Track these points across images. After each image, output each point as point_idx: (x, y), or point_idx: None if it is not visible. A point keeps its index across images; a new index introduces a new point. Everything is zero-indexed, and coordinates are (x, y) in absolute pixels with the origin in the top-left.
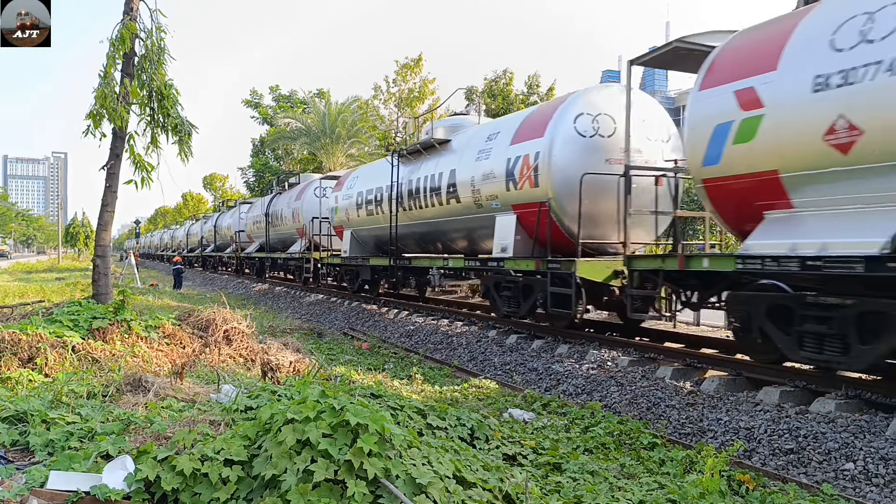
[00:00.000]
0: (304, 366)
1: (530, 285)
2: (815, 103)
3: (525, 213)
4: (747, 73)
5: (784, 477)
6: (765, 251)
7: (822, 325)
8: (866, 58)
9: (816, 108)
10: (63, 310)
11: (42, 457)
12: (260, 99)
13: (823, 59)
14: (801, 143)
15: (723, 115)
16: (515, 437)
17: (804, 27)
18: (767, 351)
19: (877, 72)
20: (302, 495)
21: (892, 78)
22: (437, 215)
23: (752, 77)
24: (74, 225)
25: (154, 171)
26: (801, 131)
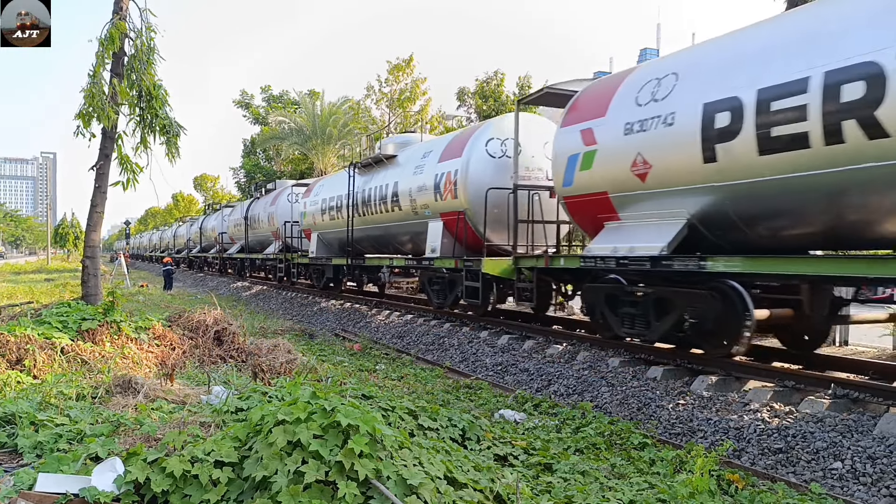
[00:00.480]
0: (295, 367)
1: (454, 280)
2: (625, 143)
3: (449, 220)
4: (589, 118)
5: (773, 476)
6: (597, 252)
7: (634, 308)
8: (653, 112)
9: (626, 147)
10: (52, 311)
11: (30, 459)
12: (251, 99)
13: (630, 111)
14: (618, 172)
15: (573, 148)
16: (507, 438)
17: (624, 85)
18: (607, 329)
19: (658, 123)
20: (293, 496)
21: (666, 128)
22: (386, 221)
23: (591, 121)
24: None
25: (144, 172)
26: (617, 163)
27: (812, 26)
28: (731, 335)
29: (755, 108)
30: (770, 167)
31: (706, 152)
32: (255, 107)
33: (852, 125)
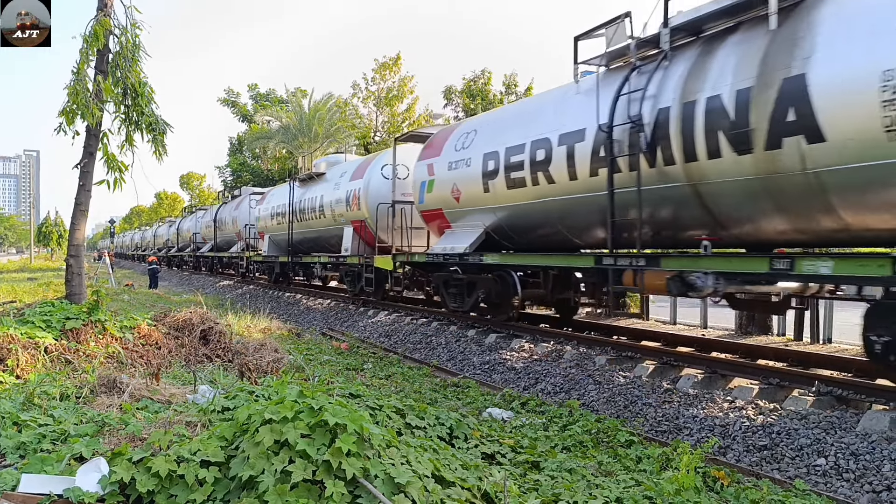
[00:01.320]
0: (283, 366)
1: (359, 272)
2: (449, 176)
3: (357, 226)
4: (432, 156)
5: (758, 473)
6: (435, 251)
7: (456, 288)
8: (462, 156)
9: (449, 178)
10: (35, 310)
11: (13, 460)
12: (237, 97)
13: (452, 154)
14: (445, 196)
15: (423, 176)
16: (494, 436)
17: (452, 134)
18: (444, 304)
19: (463, 164)
20: (280, 496)
21: (466, 168)
22: (317, 226)
23: (433, 158)
24: (47, 224)
25: (128, 171)
26: (445, 189)
27: (527, 110)
28: (508, 305)
29: (504, 159)
30: (512, 198)
31: (484, 186)
32: (242, 104)
33: (541, 176)
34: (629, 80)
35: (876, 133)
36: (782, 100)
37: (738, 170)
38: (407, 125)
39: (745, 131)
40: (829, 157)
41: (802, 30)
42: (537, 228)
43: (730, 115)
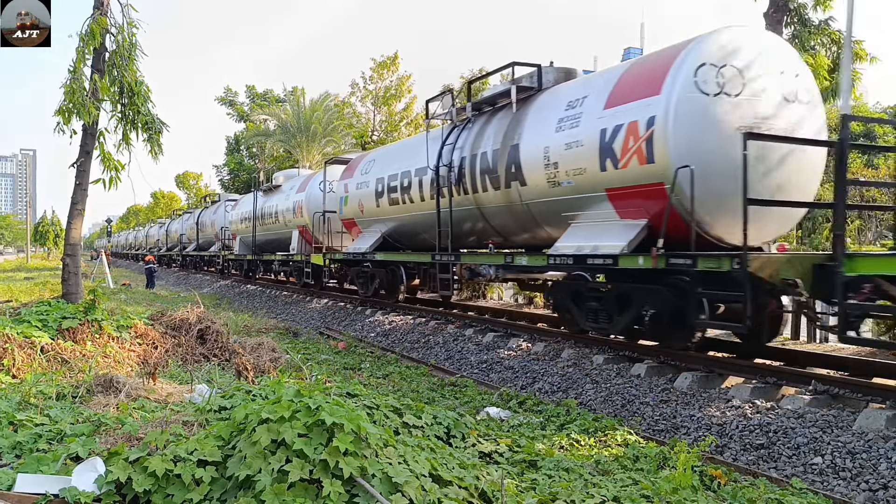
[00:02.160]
0: (280, 365)
1: (302, 268)
2: (357, 194)
3: (301, 230)
4: (347, 178)
5: (755, 472)
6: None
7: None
8: (364, 179)
9: (356, 196)
10: (31, 309)
11: (9, 459)
12: (234, 97)
13: (359, 177)
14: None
15: (341, 193)
16: (491, 435)
17: (362, 161)
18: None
19: (364, 185)
20: (277, 495)
21: (366, 189)
22: (274, 230)
23: (347, 179)
24: (44, 223)
25: (125, 170)
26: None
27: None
28: (396, 292)
29: (387, 183)
30: (394, 212)
31: (377, 202)
32: (239, 104)
33: (406, 198)
34: (450, 134)
35: (544, 183)
36: (510, 158)
37: (496, 199)
38: (405, 124)
39: (496, 176)
40: (531, 195)
41: (522, 116)
42: (412, 235)
43: (489, 164)
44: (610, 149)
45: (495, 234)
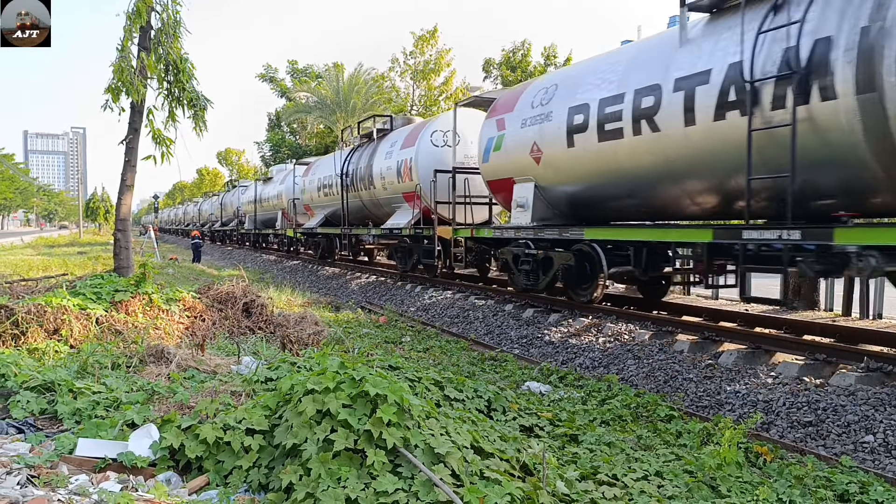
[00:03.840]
0: (323, 338)
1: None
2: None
3: (284, 212)
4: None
5: (802, 449)
6: None
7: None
8: (542, 111)
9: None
10: (86, 283)
11: (70, 425)
12: (275, 73)
13: (527, 111)
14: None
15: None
16: (532, 409)
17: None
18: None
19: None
20: (323, 464)
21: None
22: (269, 210)
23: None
24: (94, 199)
25: (173, 146)
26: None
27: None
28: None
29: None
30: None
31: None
32: (281, 80)
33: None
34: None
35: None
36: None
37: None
38: (444, 98)
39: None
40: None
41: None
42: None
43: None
44: (399, 171)
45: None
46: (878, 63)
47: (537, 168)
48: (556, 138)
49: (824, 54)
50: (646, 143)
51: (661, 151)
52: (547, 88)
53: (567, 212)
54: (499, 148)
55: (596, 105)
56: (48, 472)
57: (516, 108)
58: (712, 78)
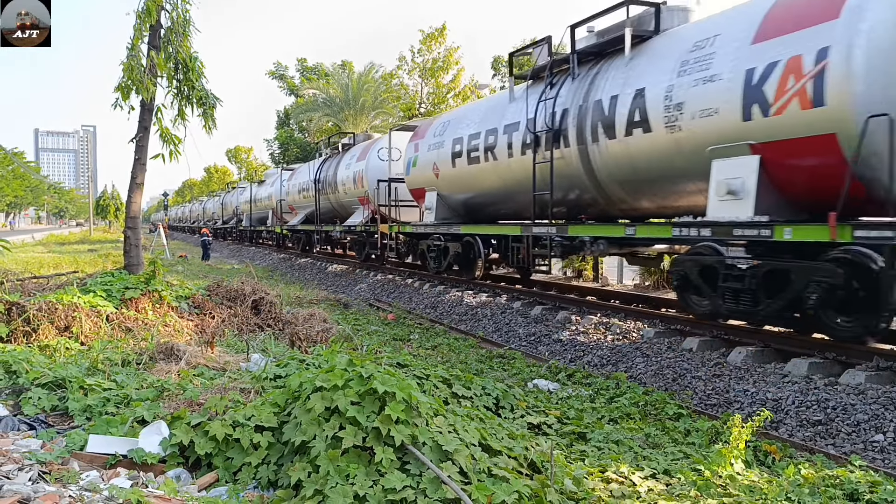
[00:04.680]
0: (331, 336)
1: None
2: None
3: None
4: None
5: (811, 448)
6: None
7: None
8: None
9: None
10: (96, 280)
11: (81, 421)
12: (285, 70)
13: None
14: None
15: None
16: (540, 407)
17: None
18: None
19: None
20: (331, 461)
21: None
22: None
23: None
24: (104, 197)
25: (181, 144)
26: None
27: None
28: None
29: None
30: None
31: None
32: (290, 78)
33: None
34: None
35: None
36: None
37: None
38: (452, 96)
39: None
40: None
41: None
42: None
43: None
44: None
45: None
46: (584, 127)
47: (437, 181)
48: (446, 160)
49: (564, 119)
50: (490, 167)
51: (498, 174)
52: (443, 123)
53: (463, 213)
54: (415, 165)
55: (466, 138)
56: (59, 469)
57: (426, 135)
58: (520, 127)
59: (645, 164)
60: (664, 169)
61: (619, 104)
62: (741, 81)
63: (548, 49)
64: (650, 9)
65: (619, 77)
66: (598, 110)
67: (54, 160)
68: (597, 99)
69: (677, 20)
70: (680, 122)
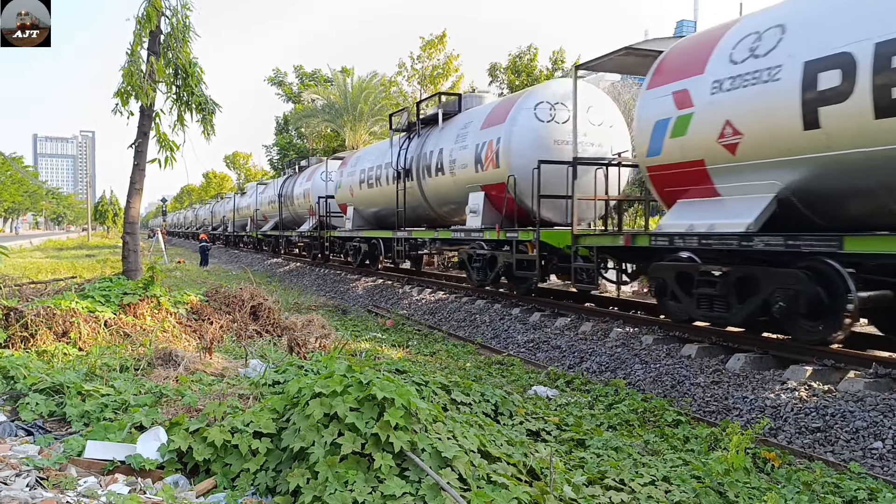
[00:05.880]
0: (330, 341)
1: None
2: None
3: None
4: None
5: (810, 455)
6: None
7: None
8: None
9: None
10: (95, 285)
11: (78, 427)
12: (284, 77)
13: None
14: None
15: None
16: (539, 414)
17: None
18: None
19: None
20: (330, 467)
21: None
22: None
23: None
24: (103, 203)
25: (179, 150)
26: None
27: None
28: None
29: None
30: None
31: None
32: (288, 84)
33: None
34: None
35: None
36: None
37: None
38: None
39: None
40: None
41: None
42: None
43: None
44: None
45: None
46: (420, 168)
47: (353, 198)
48: (356, 184)
49: (410, 164)
50: (378, 191)
51: (383, 196)
52: (357, 158)
53: (373, 222)
54: (340, 186)
55: (367, 170)
56: (57, 475)
57: (347, 165)
58: (392, 165)
59: (444, 193)
60: (452, 197)
61: (433, 156)
62: (474, 150)
63: (407, 115)
64: (456, 96)
65: (433, 139)
66: (424, 159)
67: (53, 165)
68: (425, 152)
69: (474, 102)
70: (455, 170)
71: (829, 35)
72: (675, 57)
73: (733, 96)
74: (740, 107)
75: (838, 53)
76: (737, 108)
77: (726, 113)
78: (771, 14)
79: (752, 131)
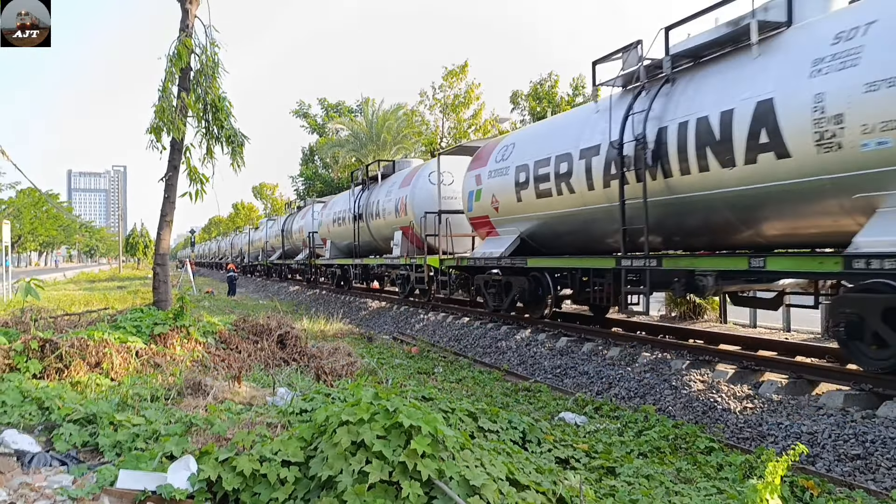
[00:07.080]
0: (356, 369)
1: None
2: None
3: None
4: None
5: (850, 483)
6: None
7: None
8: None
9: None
10: (126, 316)
11: (111, 457)
12: (308, 109)
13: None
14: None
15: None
16: (568, 441)
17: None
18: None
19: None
20: (358, 496)
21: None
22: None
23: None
24: (134, 235)
25: (209, 182)
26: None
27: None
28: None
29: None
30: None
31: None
32: (312, 116)
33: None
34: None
35: None
36: None
37: None
38: (473, 130)
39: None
40: None
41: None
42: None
43: None
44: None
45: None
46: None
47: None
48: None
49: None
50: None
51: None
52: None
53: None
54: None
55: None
56: None
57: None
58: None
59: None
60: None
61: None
62: (395, 202)
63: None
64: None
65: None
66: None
67: (86, 199)
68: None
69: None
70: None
71: (526, 153)
72: (479, 153)
73: (495, 181)
74: (498, 187)
75: (524, 164)
76: (497, 188)
77: (493, 190)
78: (511, 136)
79: (502, 201)
